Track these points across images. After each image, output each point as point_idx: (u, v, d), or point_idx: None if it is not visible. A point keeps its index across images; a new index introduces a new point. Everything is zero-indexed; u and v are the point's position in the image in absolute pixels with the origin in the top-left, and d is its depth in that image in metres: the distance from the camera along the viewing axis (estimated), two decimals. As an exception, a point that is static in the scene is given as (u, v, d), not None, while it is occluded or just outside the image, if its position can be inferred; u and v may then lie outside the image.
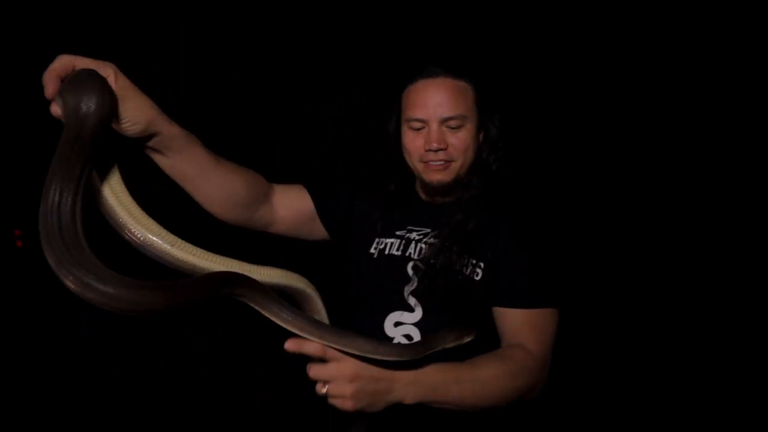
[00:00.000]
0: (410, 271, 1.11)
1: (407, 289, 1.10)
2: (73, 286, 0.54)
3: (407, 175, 1.20)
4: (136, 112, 0.75)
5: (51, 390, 2.76)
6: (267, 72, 3.87)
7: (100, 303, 0.55)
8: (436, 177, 1.10)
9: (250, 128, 3.90)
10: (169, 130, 0.82)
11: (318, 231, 1.22)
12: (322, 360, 0.77)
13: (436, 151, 1.08)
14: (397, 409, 0.83)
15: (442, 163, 1.09)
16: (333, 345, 0.75)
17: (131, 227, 0.70)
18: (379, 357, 0.76)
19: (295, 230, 1.21)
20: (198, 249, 0.75)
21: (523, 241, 1.07)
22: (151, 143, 0.82)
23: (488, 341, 1.02)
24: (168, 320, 3.18)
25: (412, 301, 1.08)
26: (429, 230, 1.15)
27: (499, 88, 1.28)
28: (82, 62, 0.69)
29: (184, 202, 0.99)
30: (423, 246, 1.13)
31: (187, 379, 2.92)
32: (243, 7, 3.70)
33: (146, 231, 0.71)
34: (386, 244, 1.19)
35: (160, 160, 0.87)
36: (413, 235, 1.17)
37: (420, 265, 1.10)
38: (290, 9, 3.73)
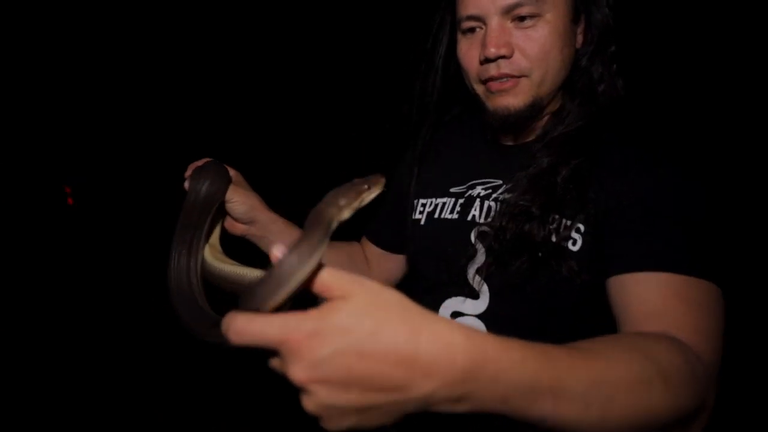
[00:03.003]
0: (474, 240, 0.78)
1: (472, 267, 0.77)
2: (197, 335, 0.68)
3: (471, 107, 0.88)
4: (242, 196, 0.87)
5: (50, 389, 2.75)
6: (267, 73, 3.86)
7: (218, 342, 0.63)
8: (501, 102, 0.76)
9: (248, 129, 3.90)
10: (266, 217, 0.91)
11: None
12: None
13: (495, 59, 0.73)
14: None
15: (507, 79, 0.74)
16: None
17: (218, 268, 0.82)
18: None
19: (391, 276, 1.07)
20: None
21: (657, 180, 0.67)
22: (252, 229, 0.91)
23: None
24: (167, 320, 3.18)
25: (477, 282, 0.76)
26: (500, 183, 0.81)
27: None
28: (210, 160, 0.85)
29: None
30: (492, 204, 0.79)
31: (187, 379, 2.91)
32: (246, 10, 3.68)
33: (228, 266, 0.81)
34: (436, 206, 0.86)
35: (262, 245, 0.93)
36: (477, 190, 0.82)
37: (488, 231, 0.76)
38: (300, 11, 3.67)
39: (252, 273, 0.76)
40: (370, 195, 0.52)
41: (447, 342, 0.38)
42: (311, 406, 0.38)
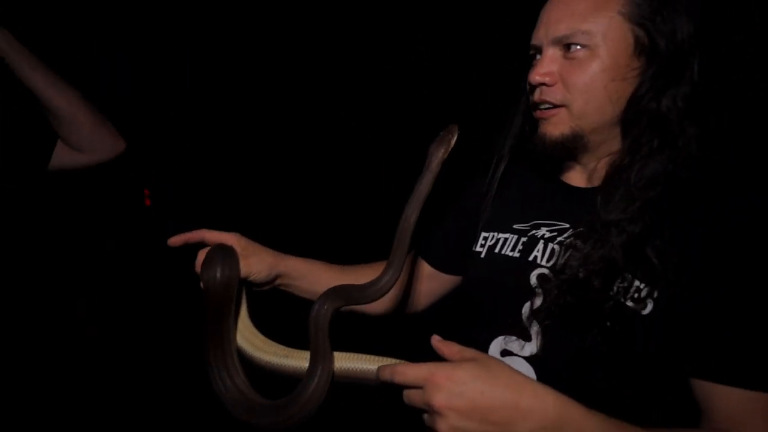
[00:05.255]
0: (534, 282, 0.78)
1: (528, 309, 0.78)
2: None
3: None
4: (258, 264, 0.89)
5: (49, 390, 2.75)
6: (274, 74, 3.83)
7: (279, 429, 0.72)
8: (540, 130, 0.79)
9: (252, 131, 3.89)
10: (287, 266, 0.94)
11: (455, 281, 1.04)
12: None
13: (538, 86, 0.77)
14: None
15: (548, 108, 0.76)
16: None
17: (254, 354, 0.84)
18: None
19: (435, 295, 1.07)
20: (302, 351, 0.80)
21: (740, 265, 0.62)
22: (279, 282, 0.95)
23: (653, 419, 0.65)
24: (166, 321, 3.19)
25: (531, 325, 0.77)
26: (567, 226, 0.79)
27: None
28: (210, 236, 0.88)
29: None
30: (556, 248, 0.78)
31: (187, 378, 2.91)
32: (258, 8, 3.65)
33: (263, 354, 0.82)
34: (498, 240, 0.87)
35: (294, 290, 0.98)
36: (542, 231, 0.82)
37: (550, 276, 0.75)
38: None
39: (290, 356, 0.79)
40: (454, 138, 0.75)
41: (541, 397, 0.54)
42: (444, 427, 0.54)
